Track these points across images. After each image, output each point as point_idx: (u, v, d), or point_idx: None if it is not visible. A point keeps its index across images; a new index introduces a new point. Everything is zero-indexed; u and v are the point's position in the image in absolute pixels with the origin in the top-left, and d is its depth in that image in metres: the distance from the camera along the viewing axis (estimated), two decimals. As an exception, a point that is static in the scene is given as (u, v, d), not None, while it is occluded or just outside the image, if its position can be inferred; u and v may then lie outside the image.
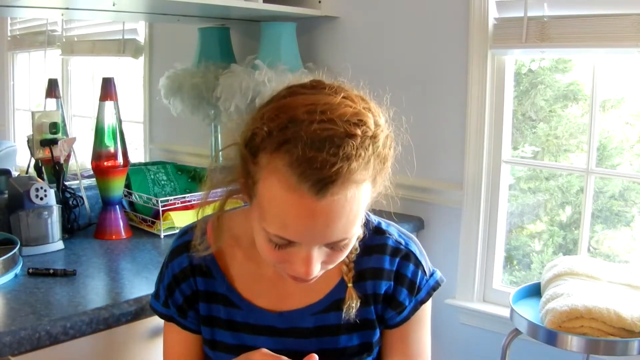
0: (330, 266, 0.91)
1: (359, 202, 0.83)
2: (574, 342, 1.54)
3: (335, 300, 1.02)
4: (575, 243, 2.15)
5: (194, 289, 1.05)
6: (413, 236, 1.10)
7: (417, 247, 1.07)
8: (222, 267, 1.04)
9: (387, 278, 1.03)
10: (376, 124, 0.85)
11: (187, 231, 1.08)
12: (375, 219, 1.07)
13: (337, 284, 1.03)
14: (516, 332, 1.73)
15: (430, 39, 2.17)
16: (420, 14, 2.18)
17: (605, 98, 2.13)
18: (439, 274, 1.09)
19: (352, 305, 0.99)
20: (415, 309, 1.05)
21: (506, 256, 2.27)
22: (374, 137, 0.84)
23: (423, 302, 1.05)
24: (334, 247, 0.87)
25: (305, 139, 0.79)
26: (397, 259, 1.04)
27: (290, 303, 1.04)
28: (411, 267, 1.04)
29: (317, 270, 0.87)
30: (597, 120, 1.99)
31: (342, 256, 0.90)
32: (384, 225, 1.07)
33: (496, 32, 2.01)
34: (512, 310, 1.71)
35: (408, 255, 1.04)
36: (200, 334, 1.09)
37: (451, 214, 2.18)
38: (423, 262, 1.06)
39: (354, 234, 0.86)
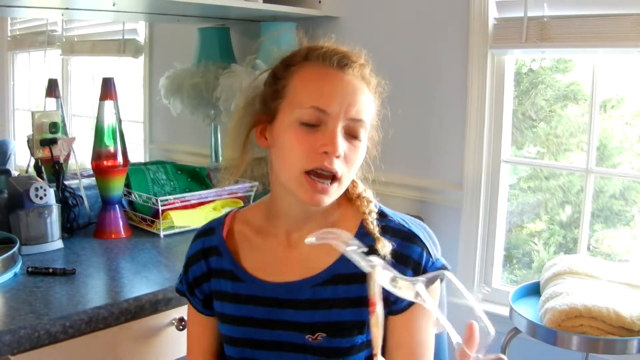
0: (346, 170, 1.00)
1: (370, 100, 1.04)
2: (573, 341, 1.54)
3: (334, 275, 1.05)
4: (575, 242, 2.15)
5: (204, 270, 1.15)
6: (422, 223, 1.15)
7: (421, 232, 1.09)
8: (230, 246, 1.14)
9: (387, 256, 1.03)
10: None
11: (208, 222, 1.22)
12: (378, 204, 1.12)
13: (337, 258, 1.05)
14: (515, 331, 1.73)
15: (431, 39, 2.17)
16: (420, 14, 2.18)
17: (606, 98, 2.13)
18: (444, 260, 1.10)
19: (386, 245, 1.02)
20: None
21: (506, 255, 2.27)
22: (376, 82, 1.07)
23: (428, 285, 1.05)
24: (351, 135, 1.00)
25: (329, 47, 1.04)
26: (398, 239, 1.05)
27: (291, 274, 1.08)
28: (415, 248, 1.05)
29: (341, 147, 0.98)
30: (597, 120, 1.99)
31: (356, 158, 1.02)
32: (387, 211, 1.12)
33: (496, 32, 2.01)
34: (512, 309, 1.71)
35: (410, 237, 1.06)
36: (204, 314, 1.19)
37: (451, 213, 2.18)
38: (428, 246, 1.07)
39: (367, 128, 1.02)
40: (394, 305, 1.05)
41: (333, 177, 0.99)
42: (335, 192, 1.01)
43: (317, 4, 2.37)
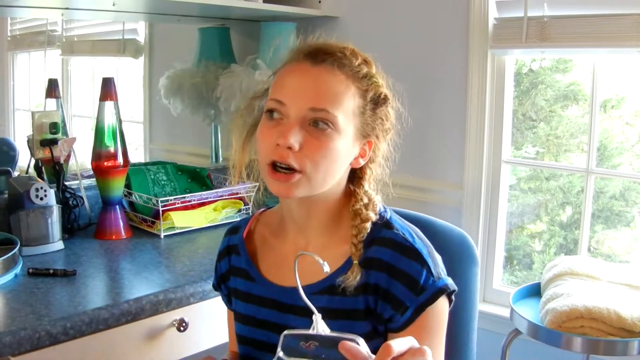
0: (309, 163, 0.97)
1: (344, 93, 1.00)
2: (574, 342, 1.54)
3: (330, 285, 1.03)
4: (576, 243, 2.15)
5: (227, 267, 1.19)
6: (427, 241, 1.06)
7: (425, 249, 1.03)
8: (249, 246, 1.17)
9: (378, 268, 1.01)
10: (377, 72, 1.06)
11: (238, 221, 1.26)
12: (389, 215, 1.08)
13: (337, 269, 1.03)
14: (516, 332, 1.73)
15: (431, 39, 2.17)
16: (420, 14, 2.18)
17: (606, 98, 2.13)
18: (450, 281, 1.03)
19: (350, 276, 1.00)
20: (420, 310, 0.99)
21: (506, 256, 2.27)
22: (370, 74, 1.04)
23: (427, 304, 0.99)
24: (317, 127, 0.97)
25: (312, 42, 1.04)
26: (398, 254, 1.01)
27: (294, 280, 1.05)
28: (414, 264, 1.00)
29: (294, 139, 0.96)
30: (597, 120, 1.99)
31: (319, 150, 0.98)
32: (395, 223, 1.06)
33: (496, 32, 2.01)
34: (512, 310, 1.71)
35: (412, 253, 1.01)
36: (230, 309, 1.22)
37: (451, 214, 2.17)
38: (430, 264, 1.01)
39: (334, 120, 0.98)
40: (391, 323, 1.02)
41: (294, 170, 0.97)
42: (303, 183, 0.98)
43: (316, 4, 2.37)
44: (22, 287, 1.45)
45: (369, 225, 1.04)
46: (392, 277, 1.00)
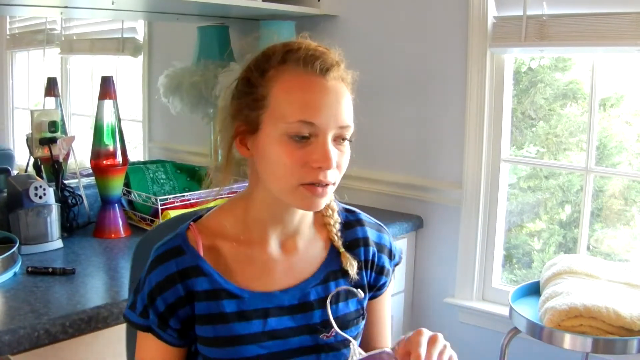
0: (338, 176, 1.00)
1: (350, 99, 1.01)
2: (573, 341, 1.54)
3: (330, 271, 1.09)
4: (575, 242, 2.15)
5: (180, 294, 1.01)
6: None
7: (381, 222, 1.23)
8: (212, 263, 1.03)
9: (372, 245, 1.15)
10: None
11: (167, 241, 1.05)
12: (340, 204, 1.18)
13: (326, 256, 1.10)
14: (515, 330, 1.73)
15: (430, 37, 2.17)
16: (420, 13, 2.18)
17: (605, 97, 2.13)
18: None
19: (353, 264, 1.09)
20: (393, 271, 1.20)
21: (506, 255, 2.27)
22: (350, 74, 1.03)
23: (397, 264, 1.21)
24: (342, 141, 0.99)
25: (307, 48, 0.99)
26: (375, 231, 1.17)
27: (290, 279, 1.07)
28: (386, 237, 1.18)
29: (334, 158, 0.96)
30: (597, 119, 1.99)
31: (346, 161, 1.00)
32: (351, 207, 1.20)
33: (495, 30, 2.01)
34: (511, 309, 1.71)
35: (381, 228, 1.19)
36: (176, 346, 1.04)
37: (450, 212, 2.18)
38: (389, 232, 1.22)
39: (351, 131, 1.00)
40: (379, 291, 1.18)
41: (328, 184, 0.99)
42: (328, 194, 1.00)
43: (316, 3, 2.36)
44: (21, 286, 1.45)
45: (337, 214, 1.14)
46: (380, 252, 1.16)
